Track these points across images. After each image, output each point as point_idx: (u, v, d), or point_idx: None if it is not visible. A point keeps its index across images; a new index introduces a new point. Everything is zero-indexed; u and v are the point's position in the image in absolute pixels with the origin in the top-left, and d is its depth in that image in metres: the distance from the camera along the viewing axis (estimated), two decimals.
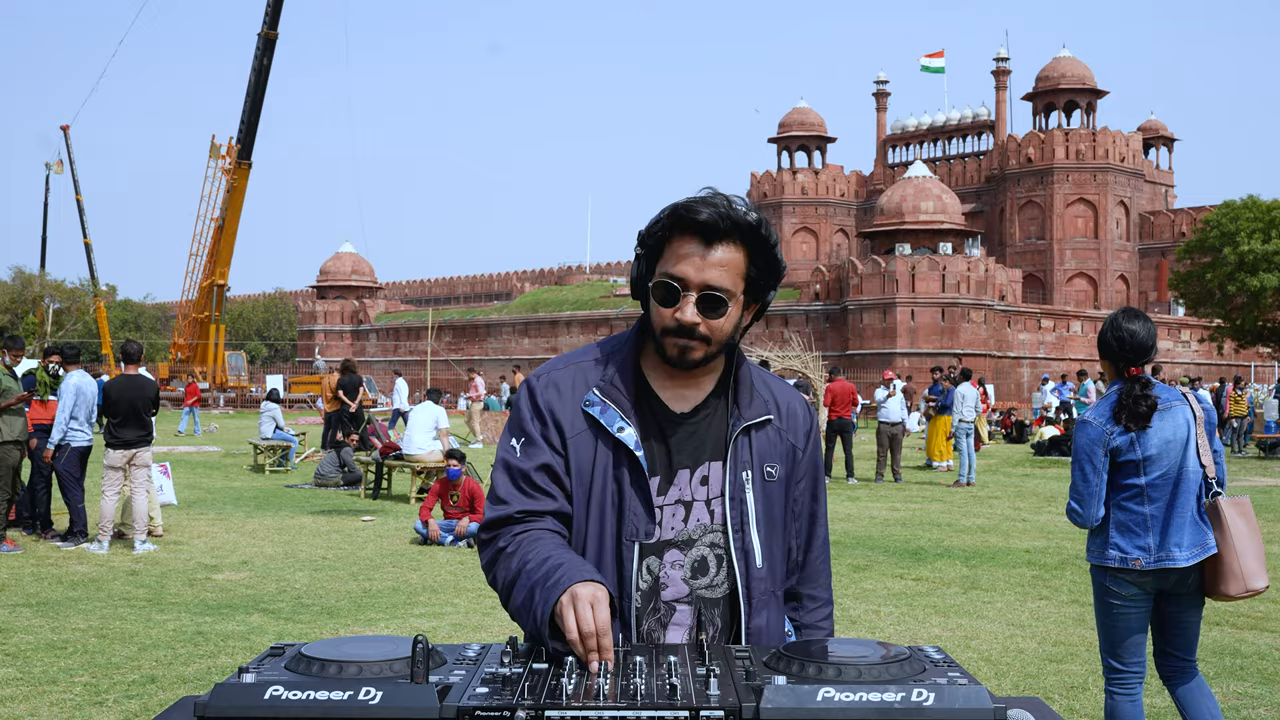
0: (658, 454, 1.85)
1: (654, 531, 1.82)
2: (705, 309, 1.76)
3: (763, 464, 1.88)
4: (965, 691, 1.34)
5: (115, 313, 77.94)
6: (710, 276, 1.74)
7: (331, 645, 1.48)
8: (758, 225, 1.76)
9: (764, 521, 1.86)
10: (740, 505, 1.84)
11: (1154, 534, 3.76)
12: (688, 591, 1.84)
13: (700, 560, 1.85)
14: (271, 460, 18.07)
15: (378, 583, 8.47)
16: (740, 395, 1.88)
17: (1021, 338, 48.57)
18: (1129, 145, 63.29)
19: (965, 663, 6.08)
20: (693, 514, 1.85)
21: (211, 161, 50.94)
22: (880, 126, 74.34)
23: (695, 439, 1.86)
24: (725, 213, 1.74)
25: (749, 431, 1.87)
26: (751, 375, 1.93)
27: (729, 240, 1.75)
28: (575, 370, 1.88)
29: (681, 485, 1.85)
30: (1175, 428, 3.78)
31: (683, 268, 1.75)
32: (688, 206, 1.75)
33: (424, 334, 61.91)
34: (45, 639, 6.38)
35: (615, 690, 1.37)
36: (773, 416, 1.90)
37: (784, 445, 1.92)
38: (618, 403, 1.82)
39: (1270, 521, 12.59)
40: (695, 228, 1.74)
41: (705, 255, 1.75)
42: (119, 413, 9.66)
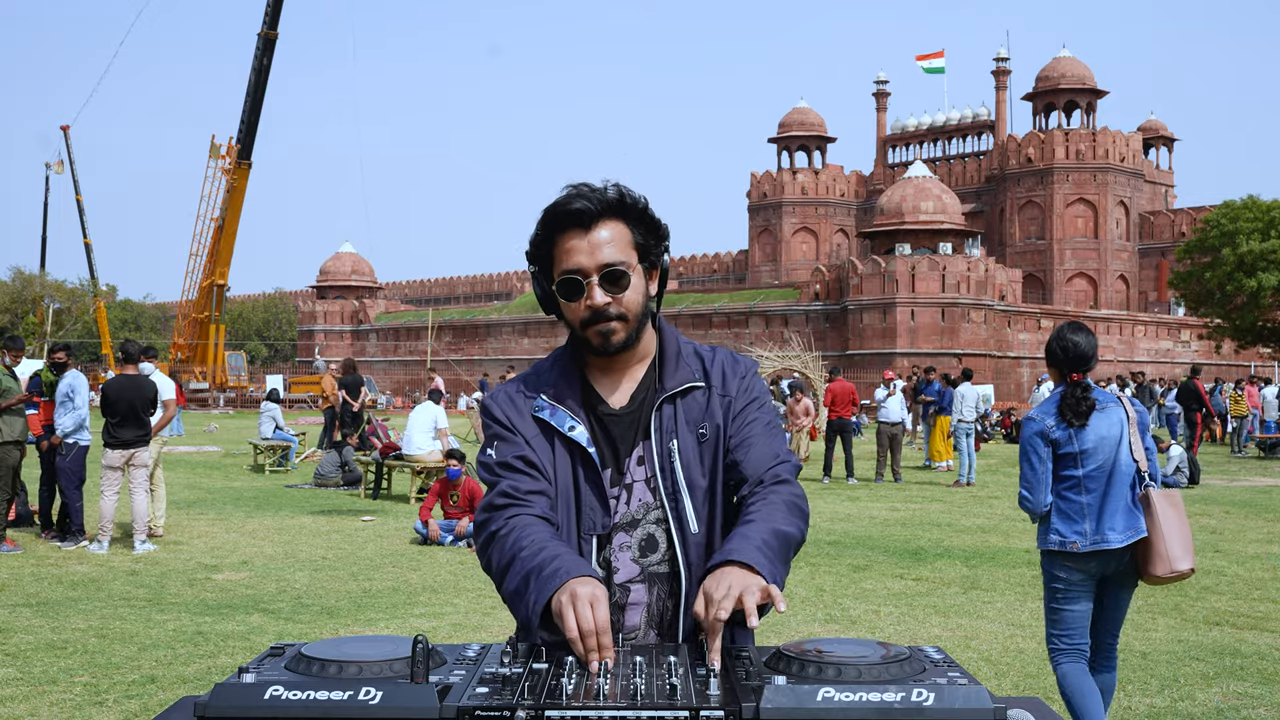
0: (606, 450, 1.91)
1: (609, 524, 1.88)
2: (610, 286, 1.82)
3: (695, 428, 1.90)
4: (965, 691, 1.34)
5: (115, 313, 77.94)
6: (603, 256, 1.81)
7: (331, 645, 1.48)
8: (623, 197, 1.84)
9: (705, 484, 1.89)
10: (671, 474, 1.87)
11: (1090, 520, 4.21)
12: (639, 571, 1.88)
13: (648, 538, 1.89)
14: (271, 460, 18.07)
15: (378, 583, 8.47)
16: (664, 367, 1.93)
17: (1021, 338, 48.57)
18: (1129, 145, 63.29)
19: (965, 663, 6.08)
20: (634, 494, 1.90)
21: (211, 161, 50.95)
22: (880, 126, 74.34)
23: (633, 424, 1.92)
24: (590, 195, 1.82)
25: (674, 400, 1.90)
26: (679, 346, 1.97)
27: (605, 219, 1.82)
28: (523, 384, 1.96)
29: (627, 471, 1.91)
30: (1110, 426, 4.26)
31: (575, 259, 1.81)
32: (559, 202, 1.83)
33: (424, 334, 61.91)
34: (45, 639, 6.38)
35: (615, 690, 1.37)
36: (701, 383, 1.93)
37: (715, 402, 1.93)
38: (565, 404, 1.90)
39: (1270, 521, 12.60)
40: (571, 220, 1.81)
41: (591, 240, 1.81)
42: (118, 413, 9.65)
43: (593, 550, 1.87)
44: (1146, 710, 5.26)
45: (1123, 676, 5.84)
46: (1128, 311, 57.37)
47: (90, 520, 10.71)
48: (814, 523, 12.23)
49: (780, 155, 72.27)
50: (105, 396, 9.67)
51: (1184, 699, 5.44)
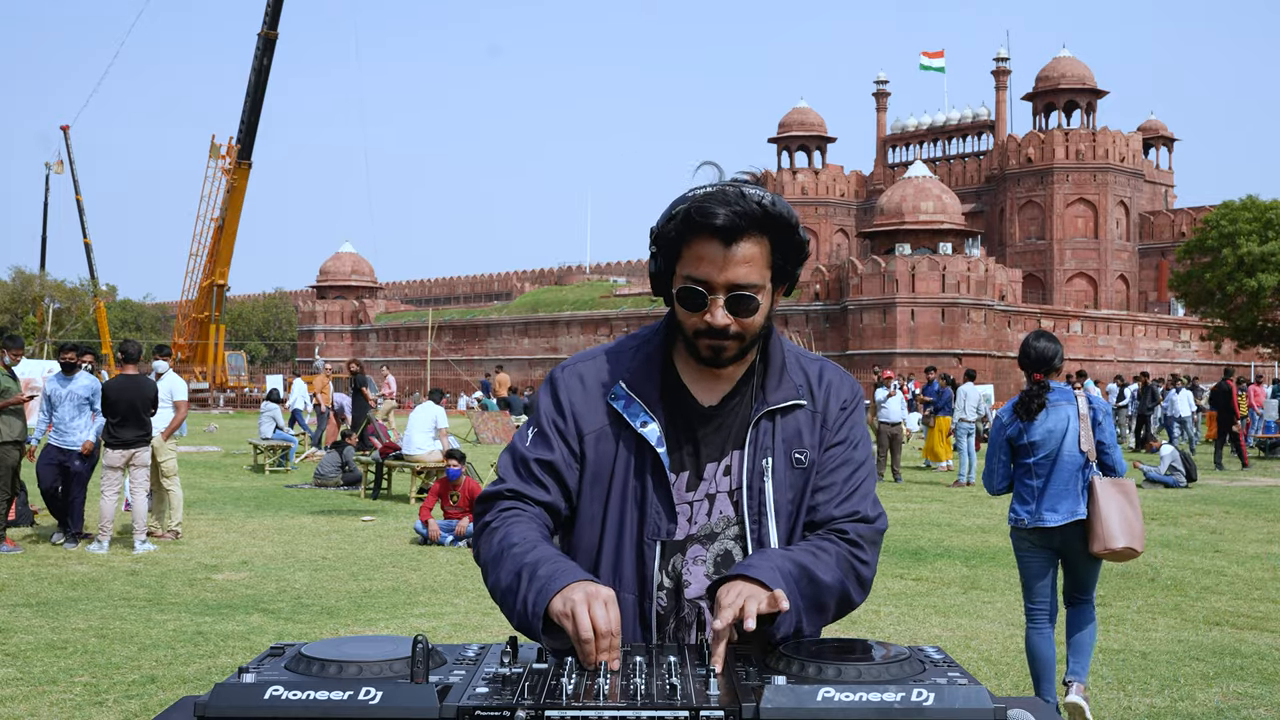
0: (686, 449, 1.78)
1: (675, 531, 1.76)
2: (735, 309, 1.68)
3: (790, 450, 1.78)
4: (965, 691, 1.34)
5: (115, 313, 77.92)
6: (736, 275, 1.66)
7: (331, 645, 1.48)
8: (776, 213, 1.66)
9: (789, 511, 1.78)
10: (759, 494, 1.76)
11: (1035, 502, 4.94)
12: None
13: (724, 554, 1.78)
14: (271, 460, 18.07)
15: (378, 583, 8.47)
16: (768, 379, 1.80)
17: (1021, 338, 48.54)
18: (1129, 145, 63.28)
19: (965, 663, 6.08)
20: (715, 506, 1.78)
21: (211, 161, 50.91)
22: (880, 126, 74.32)
23: (723, 430, 1.79)
24: (742, 210, 1.64)
25: (774, 416, 1.78)
26: (784, 356, 1.83)
27: (749, 235, 1.66)
28: (602, 363, 1.82)
29: (709, 479, 1.79)
30: (1057, 421, 4.89)
31: (705, 270, 1.67)
32: (702, 210, 1.64)
33: (424, 334, 61.89)
34: (45, 639, 6.38)
35: (615, 690, 1.37)
36: (805, 401, 1.80)
37: (817, 427, 1.81)
38: (644, 396, 1.76)
39: (1270, 521, 12.60)
40: (712, 230, 1.64)
41: (727, 255, 1.65)
42: (118, 413, 9.66)
43: (655, 557, 1.76)
44: (1146, 710, 5.26)
45: (1123, 676, 5.84)
46: (1128, 311, 57.37)
47: (90, 520, 10.72)
48: None
49: (780, 155, 72.27)
50: (106, 396, 9.68)
51: (1184, 699, 5.44)
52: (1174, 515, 12.95)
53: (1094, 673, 5.87)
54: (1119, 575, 8.95)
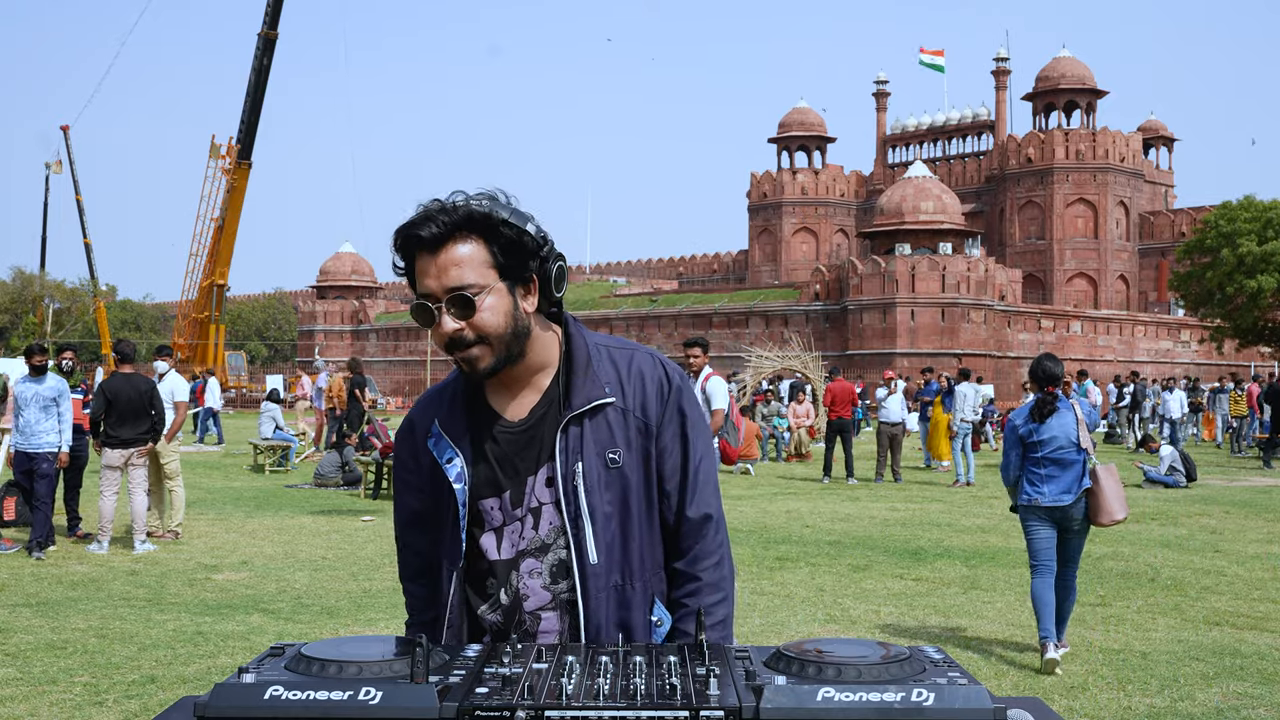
0: (500, 468, 1.82)
1: (458, 559, 1.83)
2: (457, 311, 1.70)
3: (604, 451, 1.79)
4: (965, 691, 1.34)
5: (115, 313, 77.91)
6: (449, 279, 1.69)
7: (331, 645, 1.48)
8: (473, 213, 1.70)
9: (614, 512, 1.79)
10: (574, 499, 1.78)
11: (1046, 485, 6.21)
12: (550, 598, 1.80)
13: (559, 563, 1.81)
14: (271, 460, 18.07)
15: (378, 583, 8.48)
16: (573, 382, 1.80)
17: (1021, 338, 48.57)
18: (1129, 145, 63.28)
19: (965, 663, 6.08)
20: (543, 518, 1.81)
21: (211, 161, 50.88)
22: (880, 126, 74.33)
23: (535, 442, 1.81)
24: (438, 214, 1.69)
25: (581, 420, 1.79)
26: (590, 354, 1.83)
27: (455, 238, 1.70)
28: (427, 404, 1.91)
29: (530, 492, 1.82)
30: (1063, 424, 6.25)
31: (425, 284, 1.71)
32: (405, 230, 1.72)
33: (424, 334, 61.83)
34: (45, 639, 6.38)
35: (615, 690, 1.37)
36: (613, 398, 1.80)
37: (631, 425, 1.81)
38: (451, 431, 1.83)
39: (1270, 521, 12.60)
40: (420, 244, 1.70)
41: (437, 262, 1.70)
42: (115, 412, 9.63)
43: (451, 586, 1.84)
44: (1146, 710, 5.27)
45: (1122, 676, 5.85)
46: (1128, 311, 57.37)
47: (90, 520, 10.72)
48: (814, 523, 12.25)
49: (780, 155, 72.28)
50: (104, 396, 9.65)
51: (1184, 699, 5.45)
52: (1174, 515, 12.95)
53: (1094, 673, 5.92)
54: (1119, 576, 8.96)
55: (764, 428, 21.93)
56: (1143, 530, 11.75)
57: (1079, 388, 24.96)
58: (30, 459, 9.50)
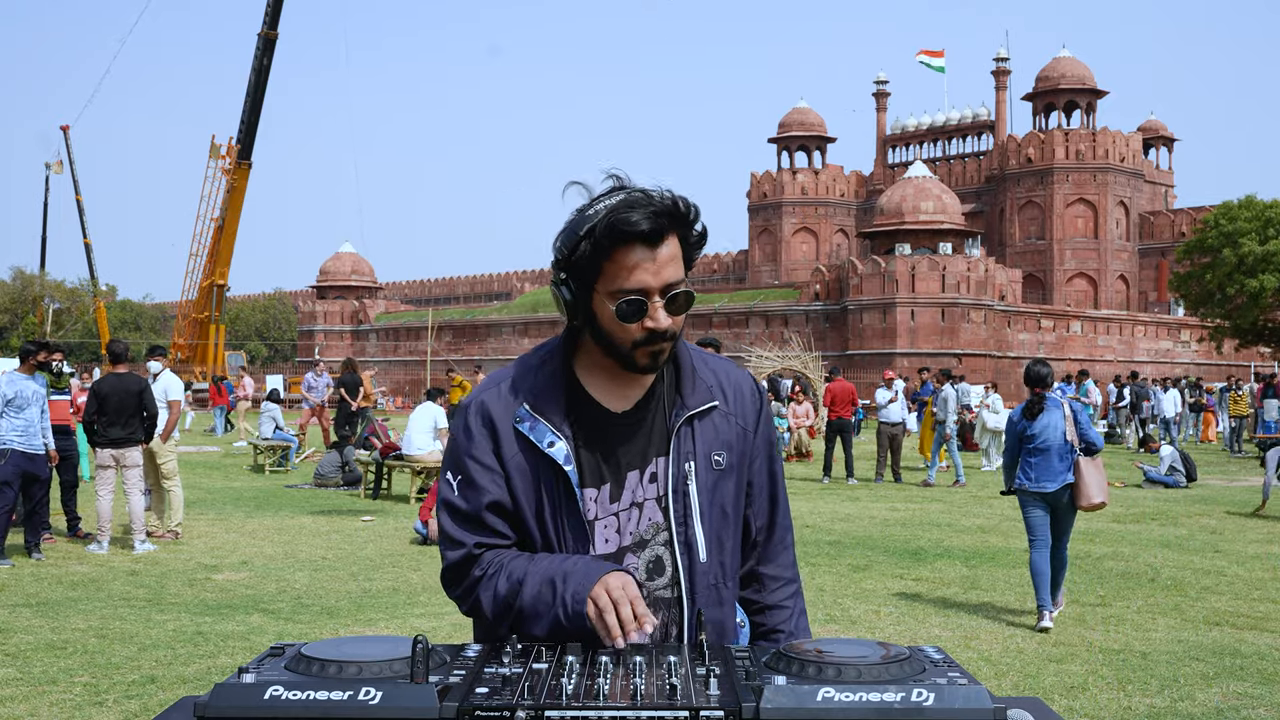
0: (603, 460, 1.78)
1: (588, 549, 1.75)
2: (674, 307, 1.70)
3: (709, 453, 1.81)
4: (965, 691, 1.34)
5: (115, 313, 77.91)
6: (667, 275, 1.69)
7: (331, 645, 1.48)
8: (685, 207, 1.71)
9: (712, 513, 1.80)
10: (684, 498, 1.78)
11: (1036, 472, 7.21)
12: (645, 595, 1.77)
13: (655, 560, 1.80)
14: (271, 460, 18.07)
15: (378, 583, 8.47)
16: (683, 384, 1.82)
17: (1021, 338, 48.56)
18: (1129, 145, 63.26)
19: (965, 663, 6.08)
20: (644, 514, 1.80)
21: (211, 161, 50.90)
22: (880, 126, 74.31)
23: (641, 437, 1.80)
24: (658, 209, 1.67)
25: (692, 421, 1.80)
26: (693, 360, 1.86)
27: (669, 233, 1.69)
28: (505, 388, 1.81)
29: (633, 487, 1.79)
30: (1051, 420, 7.24)
31: (639, 278, 1.67)
32: (626, 219, 1.65)
33: (424, 334, 61.87)
34: (45, 639, 6.38)
35: (615, 690, 1.37)
36: (718, 402, 1.84)
37: (733, 430, 1.84)
38: (548, 415, 1.76)
39: (1270, 521, 12.60)
40: (638, 237, 1.66)
41: (656, 257, 1.68)
42: (107, 412, 9.61)
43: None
44: (1146, 710, 5.27)
45: (1122, 676, 5.85)
46: (1128, 311, 57.35)
47: (89, 521, 10.71)
48: (814, 523, 12.24)
49: (780, 155, 72.25)
50: (98, 396, 9.62)
51: (1184, 699, 5.44)
52: (1174, 515, 12.95)
53: (1094, 673, 5.91)
54: (1119, 576, 8.96)
55: None
56: (1143, 530, 11.75)
57: (1079, 387, 24.98)
58: (33, 460, 9.34)
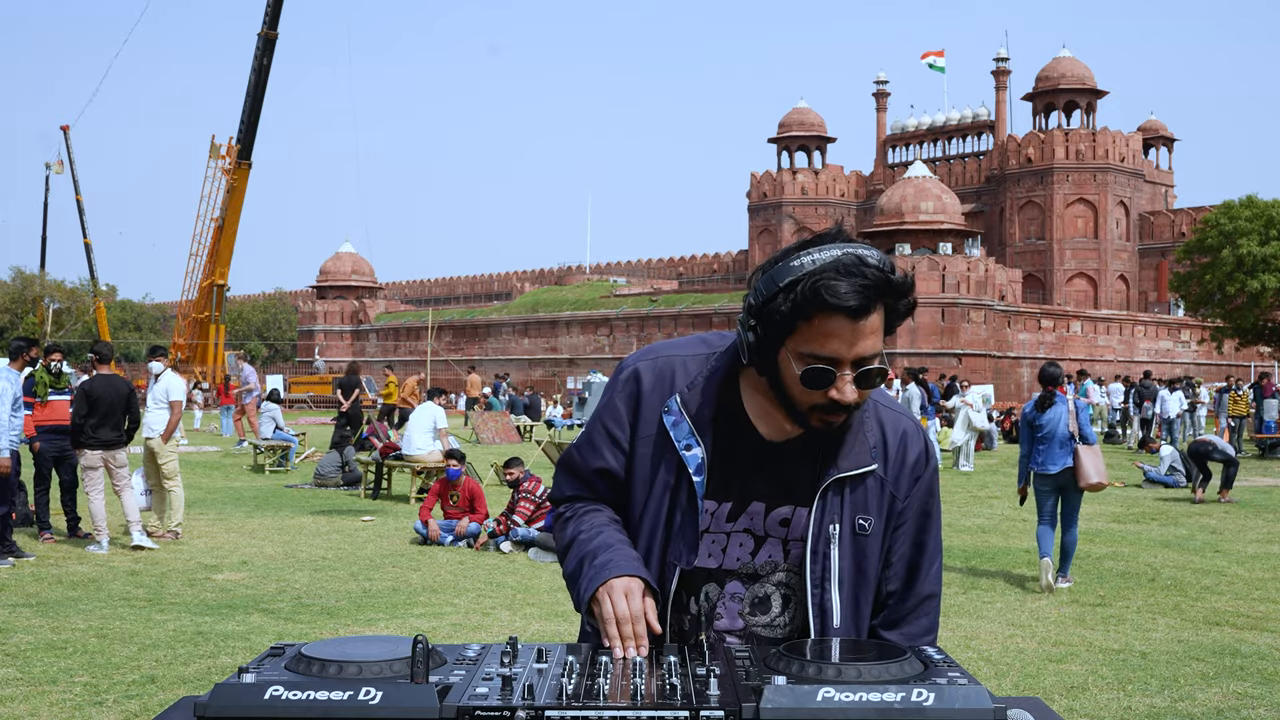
0: (734, 478, 1.74)
1: (693, 561, 1.74)
2: (863, 383, 1.61)
3: (854, 516, 1.74)
4: (965, 691, 1.34)
5: (115, 313, 77.91)
6: (864, 349, 1.59)
7: (331, 645, 1.48)
8: (898, 283, 1.59)
9: (851, 577, 1.76)
10: (823, 560, 1.73)
11: (1043, 457, 8.48)
12: (742, 625, 1.76)
13: (763, 598, 1.77)
14: (271, 460, 18.07)
15: (378, 583, 8.47)
16: (843, 440, 1.73)
17: (1021, 338, 48.56)
18: (1129, 145, 63.26)
19: (965, 663, 6.08)
20: (764, 549, 1.76)
21: (211, 161, 50.88)
22: (880, 126, 74.31)
23: (780, 474, 1.75)
24: (869, 284, 1.55)
25: (844, 482, 1.73)
26: (863, 413, 1.74)
27: (874, 309, 1.58)
28: (669, 365, 1.76)
29: (755, 517, 1.75)
30: (1057, 413, 8.48)
31: (833, 347, 1.58)
32: (833, 290, 1.54)
33: (424, 334, 61.88)
34: (45, 639, 6.38)
35: (615, 690, 1.37)
36: (876, 466, 1.75)
37: (885, 496, 1.78)
38: (695, 417, 1.71)
39: (1270, 521, 12.60)
40: (843, 309, 1.55)
41: (855, 330, 1.57)
42: (97, 414, 9.61)
43: (673, 580, 1.73)
44: (1146, 710, 5.27)
45: (1122, 676, 5.85)
46: (1127, 311, 57.35)
47: (88, 521, 10.71)
48: None
49: (780, 155, 72.25)
50: (89, 397, 9.62)
51: (1184, 699, 5.44)
52: (1174, 515, 12.95)
53: (1094, 673, 5.92)
54: (1119, 576, 8.96)
55: None
56: (1143, 530, 11.75)
57: (1078, 387, 25.00)
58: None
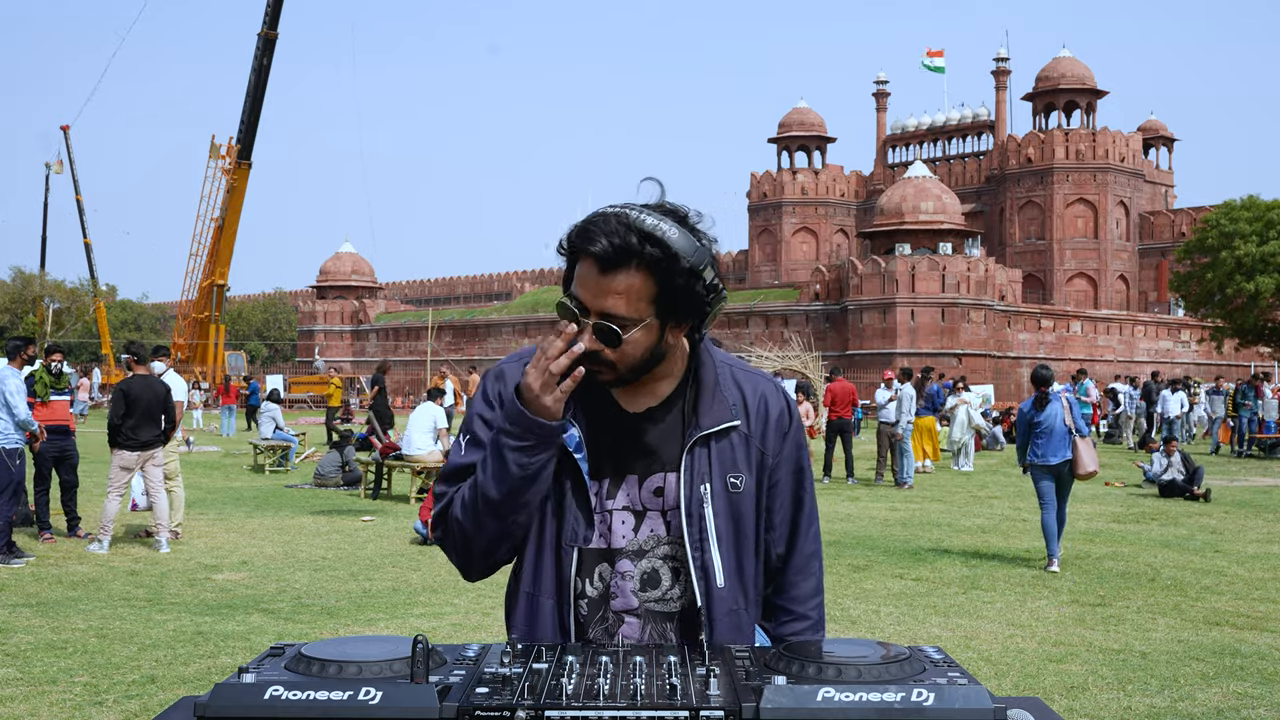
0: (606, 455, 1.77)
1: (592, 537, 1.75)
2: (602, 338, 1.64)
3: (725, 475, 1.76)
4: (965, 691, 1.34)
5: (115, 313, 77.92)
6: (606, 305, 1.63)
7: (331, 645, 1.48)
8: (660, 255, 1.61)
9: (730, 536, 1.77)
10: (699, 520, 1.74)
11: (1043, 450, 9.30)
12: (636, 604, 1.76)
13: (651, 572, 1.77)
14: (271, 460, 18.07)
15: (378, 583, 8.47)
16: (700, 401, 1.76)
17: (1021, 338, 48.57)
18: (1129, 145, 63.26)
19: (965, 663, 6.08)
20: (645, 524, 1.77)
21: (211, 161, 50.95)
22: (880, 126, 74.30)
23: (647, 444, 1.77)
24: (620, 244, 1.60)
25: (708, 441, 1.76)
26: (717, 375, 1.79)
27: (626, 267, 1.61)
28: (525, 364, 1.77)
29: (631, 491, 1.77)
30: (1054, 409, 9.33)
31: (582, 292, 1.65)
32: (583, 234, 1.63)
33: (424, 334, 61.89)
34: (45, 639, 6.37)
35: (615, 690, 1.37)
36: (739, 422, 1.78)
37: (752, 452, 1.79)
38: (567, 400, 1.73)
39: (1270, 521, 12.60)
40: (590, 255, 1.62)
41: (600, 283, 1.62)
42: (135, 414, 9.64)
43: (572, 562, 1.75)
44: (1146, 710, 5.27)
45: (1122, 676, 5.85)
46: (1127, 311, 57.36)
47: (91, 520, 10.71)
48: None
49: (780, 155, 72.24)
50: (127, 397, 9.65)
51: (1184, 699, 5.44)
52: (1174, 515, 12.95)
53: (1094, 673, 5.92)
54: (1119, 576, 8.96)
55: None
56: (1143, 530, 11.75)
57: (1078, 387, 25.05)
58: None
